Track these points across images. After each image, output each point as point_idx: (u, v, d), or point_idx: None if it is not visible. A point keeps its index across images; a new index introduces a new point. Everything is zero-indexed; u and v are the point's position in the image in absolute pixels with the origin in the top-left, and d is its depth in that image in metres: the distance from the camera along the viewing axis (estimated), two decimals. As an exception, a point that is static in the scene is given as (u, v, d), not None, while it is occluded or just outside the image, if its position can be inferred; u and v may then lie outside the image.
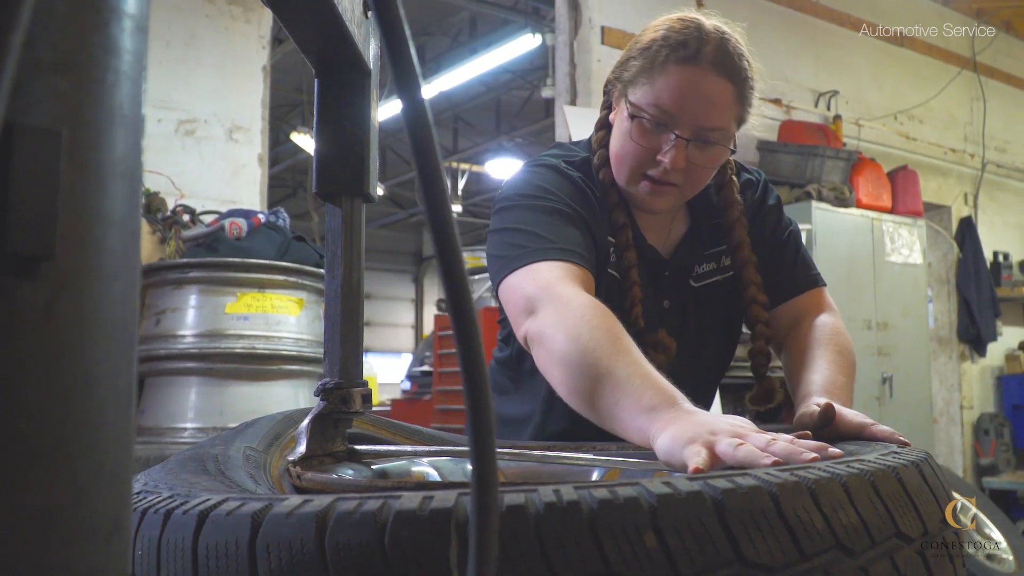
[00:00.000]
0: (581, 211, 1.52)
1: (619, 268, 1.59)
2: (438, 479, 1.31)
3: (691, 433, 1.00)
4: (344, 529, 0.64)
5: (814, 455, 0.93)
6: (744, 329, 1.72)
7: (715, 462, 0.94)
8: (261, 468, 1.07)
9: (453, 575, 0.61)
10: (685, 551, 0.64)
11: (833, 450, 0.95)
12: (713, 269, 1.69)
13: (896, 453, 0.88)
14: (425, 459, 1.31)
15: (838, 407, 1.24)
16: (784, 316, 1.68)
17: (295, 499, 0.68)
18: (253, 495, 0.74)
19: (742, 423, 1.02)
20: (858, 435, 1.18)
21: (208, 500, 0.72)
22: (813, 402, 1.31)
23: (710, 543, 0.65)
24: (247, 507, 0.69)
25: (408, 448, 1.30)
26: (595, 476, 1.25)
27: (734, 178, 1.69)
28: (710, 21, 1.50)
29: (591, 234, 1.52)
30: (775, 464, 0.88)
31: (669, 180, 1.52)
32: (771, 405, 1.64)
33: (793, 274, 1.70)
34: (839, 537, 0.70)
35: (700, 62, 1.46)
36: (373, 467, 1.25)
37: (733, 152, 1.59)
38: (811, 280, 1.71)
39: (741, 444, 0.94)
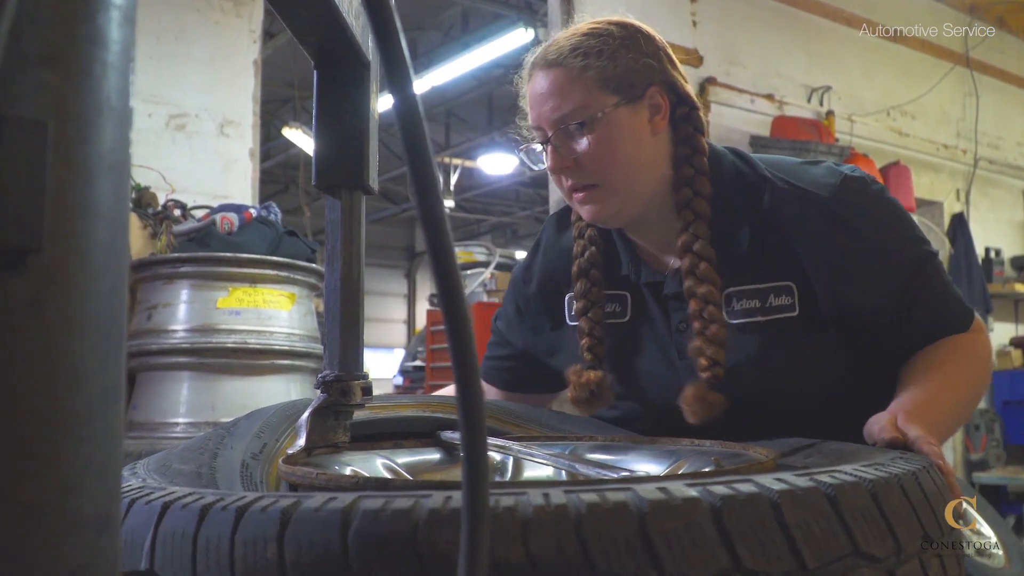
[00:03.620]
0: (520, 304, 1.78)
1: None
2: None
3: None
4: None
5: None
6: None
7: None
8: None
9: None
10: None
11: None
12: (754, 308, 1.47)
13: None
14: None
15: (909, 429, 1.12)
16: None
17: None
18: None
19: None
20: None
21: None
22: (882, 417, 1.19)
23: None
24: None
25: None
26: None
27: (703, 179, 1.49)
28: (580, 24, 1.56)
29: (526, 323, 1.76)
30: None
31: (580, 183, 1.49)
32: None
33: (903, 330, 1.46)
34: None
35: (536, 69, 1.51)
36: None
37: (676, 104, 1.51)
38: (945, 327, 1.47)
39: None
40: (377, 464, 1.20)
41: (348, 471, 1.12)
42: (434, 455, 1.33)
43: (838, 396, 1.52)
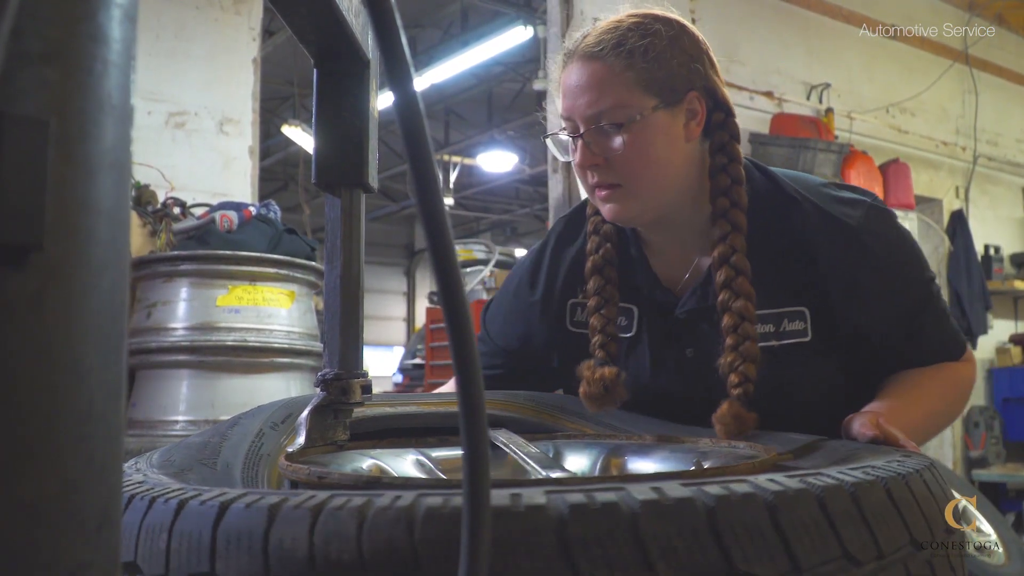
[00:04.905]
0: (516, 308, 1.71)
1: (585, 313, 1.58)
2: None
3: None
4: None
5: None
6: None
7: None
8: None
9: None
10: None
11: None
12: (769, 332, 1.45)
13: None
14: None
15: (890, 429, 1.18)
16: None
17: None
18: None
19: None
20: None
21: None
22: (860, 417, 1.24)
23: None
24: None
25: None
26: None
27: (740, 189, 1.45)
28: (622, 13, 1.46)
29: (521, 325, 1.69)
30: None
31: (605, 182, 1.43)
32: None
33: (907, 353, 1.51)
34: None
35: (573, 59, 1.44)
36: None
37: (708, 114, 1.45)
38: (943, 355, 1.52)
39: None
40: (407, 460, 1.20)
41: (367, 466, 1.12)
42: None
43: (827, 409, 1.49)
